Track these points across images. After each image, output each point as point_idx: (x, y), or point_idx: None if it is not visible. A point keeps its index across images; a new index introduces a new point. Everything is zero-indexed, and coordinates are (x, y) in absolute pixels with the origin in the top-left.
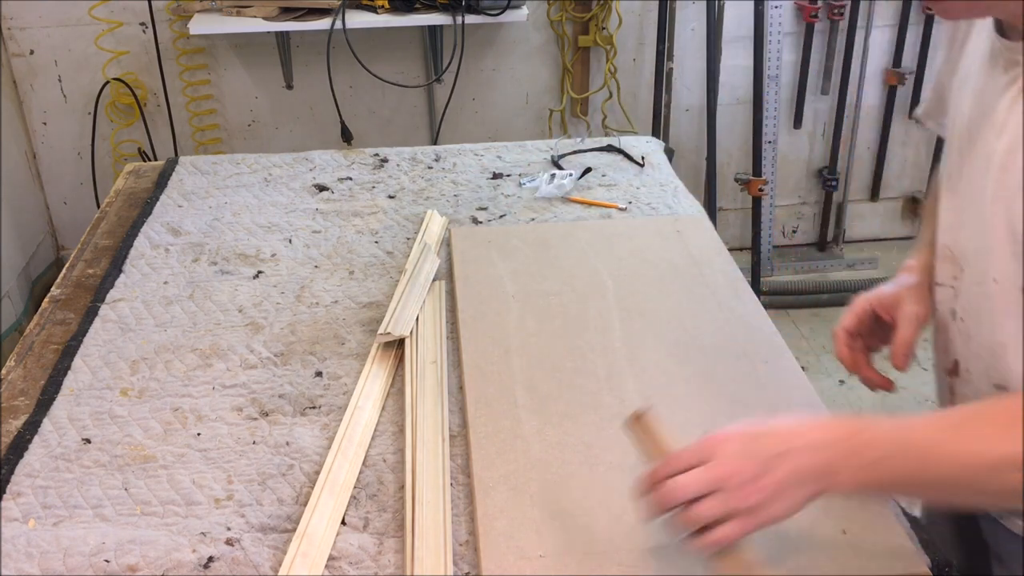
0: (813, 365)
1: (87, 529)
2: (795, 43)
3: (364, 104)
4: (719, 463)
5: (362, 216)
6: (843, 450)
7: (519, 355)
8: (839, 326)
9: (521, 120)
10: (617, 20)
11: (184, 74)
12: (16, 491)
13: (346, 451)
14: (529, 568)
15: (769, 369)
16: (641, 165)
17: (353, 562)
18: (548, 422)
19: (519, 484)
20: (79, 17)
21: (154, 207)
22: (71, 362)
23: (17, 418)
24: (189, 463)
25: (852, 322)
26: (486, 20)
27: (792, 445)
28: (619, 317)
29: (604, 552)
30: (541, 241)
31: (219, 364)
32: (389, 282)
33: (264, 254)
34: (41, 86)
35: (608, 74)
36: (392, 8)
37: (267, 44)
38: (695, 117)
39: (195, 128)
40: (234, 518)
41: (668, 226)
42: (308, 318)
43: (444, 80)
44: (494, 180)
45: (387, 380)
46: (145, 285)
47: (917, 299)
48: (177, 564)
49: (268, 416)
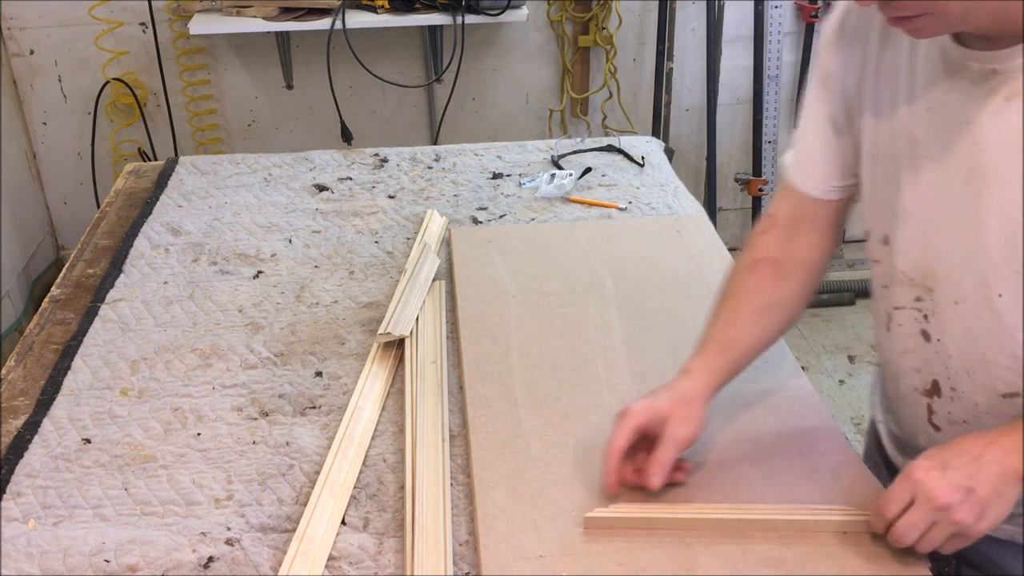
0: (813, 365)
1: (87, 529)
2: (795, 43)
3: (364, 104)
4: (931, 498)
5: (362, 216)
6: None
7: (519, 355)
8: (610, 447)
9: (521, 120)
10: (617, 20)
11: (184, 74)
12: (16, 491)
13: (346, 451)
14: (529, 568)
15: (769, 369)
16: (641, 165)
17: (353, 562)
18: (548, 422)
19: (519, 484)
20: (79, 17)
21: (154, 207)
22: (71, 362)
23: (17, 418)
24: (189, 463)
25: (625, 442)
26: (486, 20)
27: (987, 456)
28: (619, 317)
29: (604, 552)
30: (541, 241)
31: (219, 364)
32: (389, 282)
33: (264, 254)
34: (41, 86)
35: (608, 74)
36: (392, 8)
37: (267, 44)
38: (695, 117)
39: (195, 128)
40: (234, 518)
41: (668, 226)
42: (308, 318)
43: (444, 80)
44: (494, 180)
45: (387, 380)
46: (145, 285)
47: (684, 418)
48: (177, 564)
49: (268, 416)
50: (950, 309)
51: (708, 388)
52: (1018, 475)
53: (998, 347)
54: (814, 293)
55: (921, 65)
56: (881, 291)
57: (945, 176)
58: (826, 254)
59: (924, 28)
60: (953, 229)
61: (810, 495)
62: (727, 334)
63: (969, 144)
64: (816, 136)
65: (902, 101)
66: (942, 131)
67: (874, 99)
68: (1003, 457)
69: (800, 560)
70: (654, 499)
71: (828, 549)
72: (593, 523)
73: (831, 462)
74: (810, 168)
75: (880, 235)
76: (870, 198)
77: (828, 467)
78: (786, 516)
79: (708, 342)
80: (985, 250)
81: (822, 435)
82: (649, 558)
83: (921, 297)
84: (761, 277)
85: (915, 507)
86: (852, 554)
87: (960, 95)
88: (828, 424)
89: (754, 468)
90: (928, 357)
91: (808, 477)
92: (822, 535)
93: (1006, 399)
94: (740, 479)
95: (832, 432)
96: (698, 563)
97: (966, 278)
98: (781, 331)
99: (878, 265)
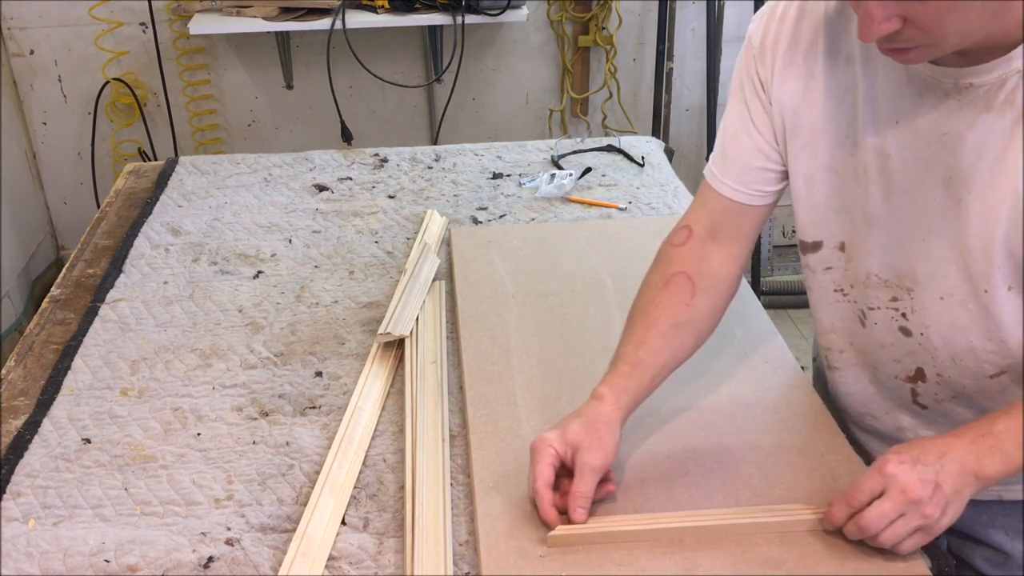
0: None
1: (87, 529)
2: None
3: (364, 104)
4: (903, 490)
5: (362, 216)
6: (987, 446)
7: (519, 355)
8: (539, 483)
9: (521, 120)
10: (617, 20)
11: (184, 74)
12: (16, 491)
13: (346, 451)
14: (529, 568)
15: (769, 369)
16: (641, 165)
17: (353, 562)
18: (548, 422)
19: (519, 484)
20: (79, 17)
21: (154, 207)
22: (71, 362)
23: (17, 418)
24: (189, 463)
25: (551, 475)
26: (486, 20)
27: (949, 454)
28: (619, 317)
29: (604, 552)
30: (541, 241)
31: (219, 364)
32: (389, 282)
33: (264, 254)
34: (41, 86)
35: (608, 74)
36: (392, 8)
37: (267, 44)
38: (695, 117)
39: (195, 128)
40: (234, 518)
41: (668, 226)
42: (308, 318)
43: (444, 80)
44: (494, 180)
45: (387, 380)
46: (145, 285)
47: (594, 446)
48: (177, 564)
49: (268, 416)
50: (935, 304)
51: (617, 411)
52: (974, 475)
53: (985, 334)
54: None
55: (882, 82)
56: (835, 295)
57: (921, 185)
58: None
59: (919, 57)
60: (933, 233)
61: (810, 495)
62: (638, 355)
63: (948, 154)
64: (747, 141)
65: (864, 117)
66: (915, 142)
67: (827, 115)
68: (963, 456)
69: (800, 560)
70: (633, 505)
71: (828, 549)
72: (557, 541)
73: (831, 462)
74: (739, 173)
75: (835, 243)
76: (824, 208)
77: (828, 467)
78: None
79: (618, 363)
80: (969, 250)
81: (822, 435)
82: (649, 558)
83: (898, 297)
84: (674, 294)
85: (887, 498)
86: (852, 554)
87: (932, 108)
88: (828, 424)
89: (754, 468)
90: (910, 349)
91: (808, 477)
92: (822, 535)
93: (992, 379)
94: (740, 479)
95: (832, 432)
96: (698, 563)
97: (952, 275)
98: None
99: (830, 272)
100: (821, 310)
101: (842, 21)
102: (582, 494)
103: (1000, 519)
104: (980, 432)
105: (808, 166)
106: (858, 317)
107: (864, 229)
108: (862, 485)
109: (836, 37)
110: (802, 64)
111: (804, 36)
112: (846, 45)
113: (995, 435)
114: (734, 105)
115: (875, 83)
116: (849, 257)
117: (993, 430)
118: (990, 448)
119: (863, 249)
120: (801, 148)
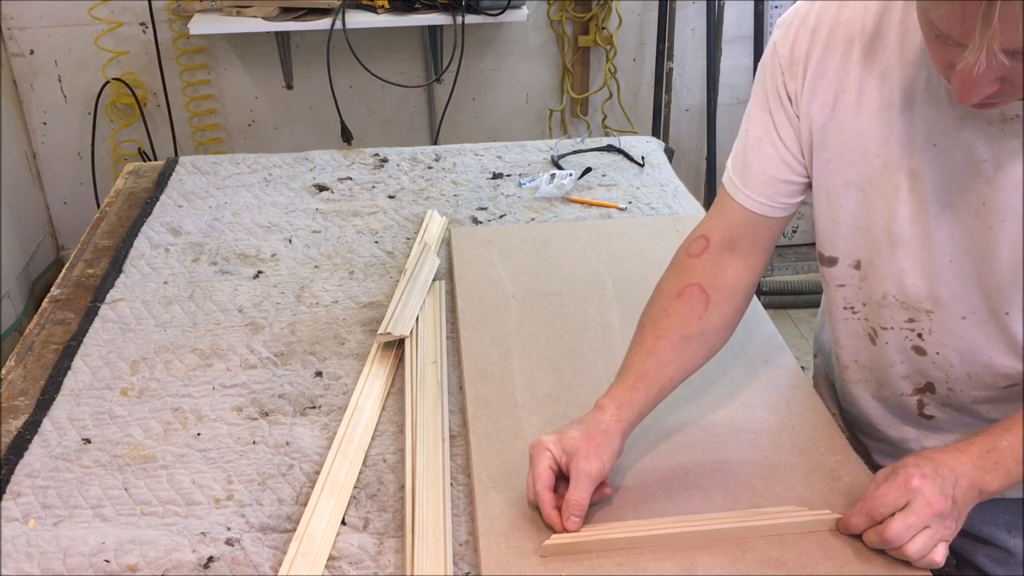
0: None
1: (87, 529)
2: None
3: (364, 104)
4: (928, 503)
5: (362, 216)
6: (992, 462)
7: (519, 355)
8: (539, 486)
9: (521, 120)
10: (617, 20)
11: (184, 74)
12: (16, 491)
13: (346, 451)
14: (529, 568)
15: (769, 369)
16: (641, 165)
17: (353, 562)
18: (548, 422)
19: (519, 484)
20: (79, 17)
21: (154, 207)
22: (71, 362)
23: (17, 418)
24: (189, 463)
25: (549, 478)
26: (486, 20)
27: (958, 469)
28: (619, 317)
29: (604, 552)
30: (541, 241)
31: (219, 364)
32: (389, 282)
33: (264, 254)
34: (41, 86)
35: (608, 74)
36: (392, 8)
37: (267, 44)
38: (695, 117)
39: (195, 128)
40: (234, 518)
41: (668, 226)
42: (308, 318)
43: (444, 80)
44: (494, 180)
45: (387, 380)
46: (145, 285)
47: (591, 453)
48: (177, 564)
49: (268, 416)
50: (955, 324)
51: (619, 423)
52: (979, 490)
53: (1004, 350)
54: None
55: (921, 103)
56: (844, 312)
57: (953, 209)
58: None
59: (1001, 104)
60: (959, 256)
61: (810, 495)
62: (645, 366)
63: (983, 182)
64: (772, 152)
65: (899, 136)
66: (951, 166)
67: (858, 131)
68: (970, 472)
69: (800, 560)
70: (631, 507)
71: (828, 549)
72: (551, 550)
73: (831, 462)
74: (762, 184)
75: (852, 260)
76: (844, 225)
77: (828, 467)
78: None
79: (625, 374)
80: (995, 275)
81: (822, 435)
82: (649, 558)
83: (914, 318)
84: (687, 305)
85: (911, 511)
86: (852, 554)
87: (973, 135)
88: (828, 424)
89: (754, 468)
90: (922, 367)
91: (808, 477)
92: (822, 535)
93: (1005, 389)
94: (740, 479)
95: (832, 432)
96: (698, 563)
97: (975, 296)
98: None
99: (842, 289)
100: (832, 322)
101: (880, 34)
102: (576, 502)
103: (1002, 516)
104: (985, 447)
105: (833, 180)
106: (868, 335)
107: (887, 249)
108: (885, 497)
109: (874, 51)
110: (834, 76)
111: (838, 47)
112: (883, 60)
113: (999, 451)
114: (757, 113)
115: (913, 103)
116: (864, 276)
117: (998, 446)
118: (994, 464)
119: (882, 269)
120: (827, 162)
